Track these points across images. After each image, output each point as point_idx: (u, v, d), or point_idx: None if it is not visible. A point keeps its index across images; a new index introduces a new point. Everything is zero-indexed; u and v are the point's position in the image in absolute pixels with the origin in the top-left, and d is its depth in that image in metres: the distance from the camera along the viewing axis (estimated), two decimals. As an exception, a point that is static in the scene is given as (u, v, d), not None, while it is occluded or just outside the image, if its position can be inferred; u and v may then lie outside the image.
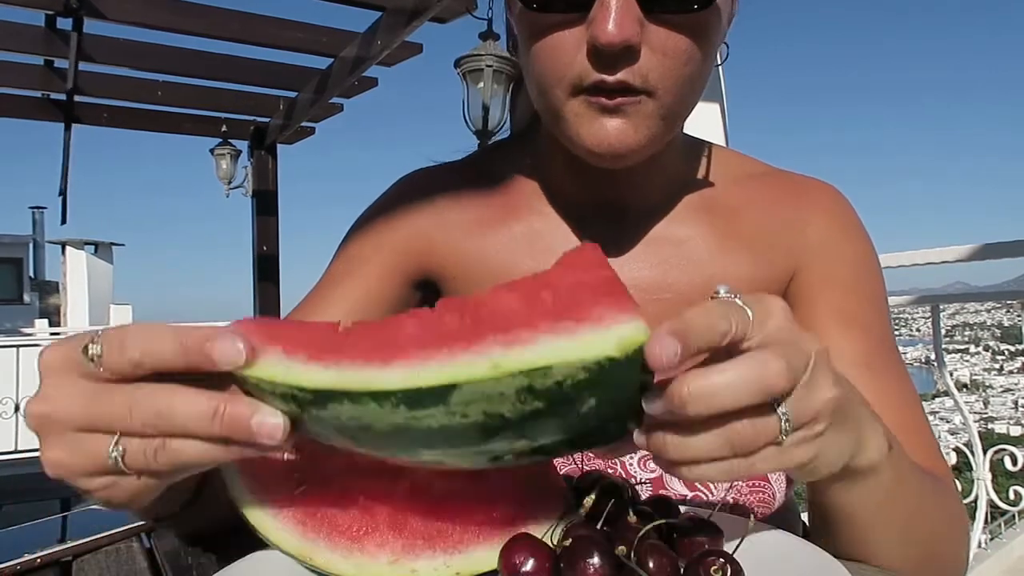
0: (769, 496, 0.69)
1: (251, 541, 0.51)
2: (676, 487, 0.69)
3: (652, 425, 0.39)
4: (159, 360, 0.38)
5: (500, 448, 0.40)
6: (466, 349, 0.36)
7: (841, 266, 0.69)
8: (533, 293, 0.38)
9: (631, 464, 0.70)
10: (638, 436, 0.40)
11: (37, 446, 0.40)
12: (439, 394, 0.36)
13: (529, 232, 0.72)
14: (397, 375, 0.36)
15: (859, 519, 0.51)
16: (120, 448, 0.38)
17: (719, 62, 0.64)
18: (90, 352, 0.38)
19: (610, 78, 0.56)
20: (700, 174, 0.74)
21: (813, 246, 0.70)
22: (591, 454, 0.67)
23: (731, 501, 0.68)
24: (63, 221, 4.09)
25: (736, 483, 0.68)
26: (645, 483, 0.69)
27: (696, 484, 0.69)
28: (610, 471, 0.69)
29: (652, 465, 0.69)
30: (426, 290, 0.77)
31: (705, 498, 0.68)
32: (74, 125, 4.08)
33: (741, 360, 0.37)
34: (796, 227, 0.70)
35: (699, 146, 0.76)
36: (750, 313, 0.39)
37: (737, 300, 0.39)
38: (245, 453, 0.39)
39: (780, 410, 0.38)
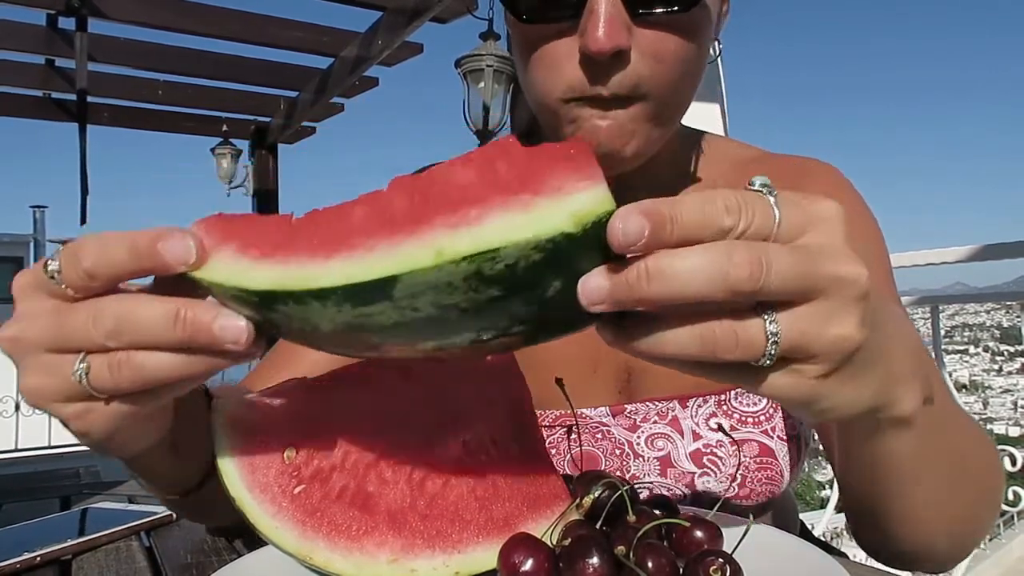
0: (776, 474, 0.67)
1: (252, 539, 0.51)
2: (683, 464, 0.67)
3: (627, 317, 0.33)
4: (113, 266, 0.36)
5: (466, 339, 0.35)
6: (410, 236, 0.32)
7: None
8: (488, 164, 0.33)
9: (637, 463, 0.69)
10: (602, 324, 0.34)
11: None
12: (381, 288, 0.32)
13: None
14: (336, 271, 0.32)
15: (896, 471, 0.46)
16: (85, 364, 0.36)
17: (712, 58, 0.64)
18: (49, 269, 0.36)
19: (605, 92, 0.56)
20: (700, 163, 0.74)
21: None
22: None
23: (738, 478, 0.67)
24: (83, 222, 4.09)
25: (743, 460, 0.67)
26: (652, 460, 0.68)
27: (703, 460, 0.67)
28: (616, 472, 0.69)
29: (660, 444, 0.68)
30: None
31: (713, 475, 0.67)
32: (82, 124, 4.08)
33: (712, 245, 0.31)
34: None
35: (696, 136, 0.76)
36: (777, 214, 0.32)
37: (770, 197, 0.32)
38: (212, 364, 0.36)
39: (768, 319, 0.31)
